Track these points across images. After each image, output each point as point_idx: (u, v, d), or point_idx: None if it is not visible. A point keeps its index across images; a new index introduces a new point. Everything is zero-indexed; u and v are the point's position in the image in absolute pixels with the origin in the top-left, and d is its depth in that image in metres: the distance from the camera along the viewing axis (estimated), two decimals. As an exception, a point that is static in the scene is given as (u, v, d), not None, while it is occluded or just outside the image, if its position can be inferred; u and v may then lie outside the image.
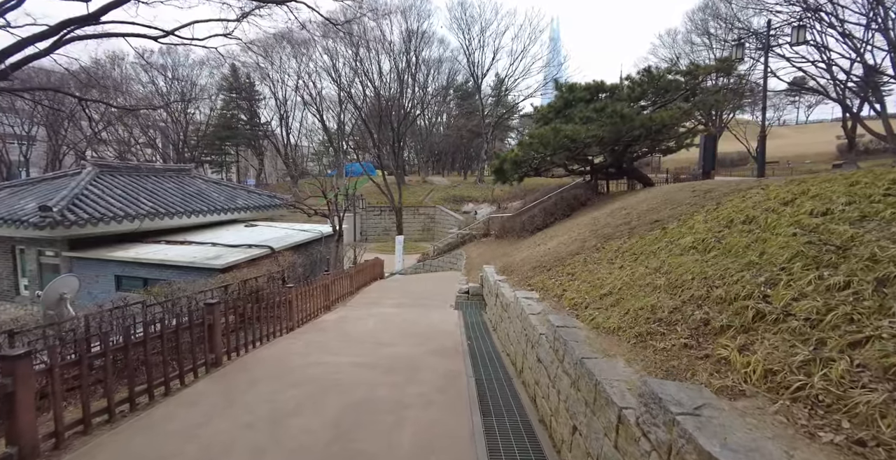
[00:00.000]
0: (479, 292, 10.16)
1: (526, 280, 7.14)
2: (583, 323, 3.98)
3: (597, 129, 12.23)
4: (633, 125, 12.62)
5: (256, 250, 12.61)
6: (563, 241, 8.71)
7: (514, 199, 32.22)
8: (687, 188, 8.62)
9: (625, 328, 3.42)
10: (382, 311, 8.85)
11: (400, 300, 10.69)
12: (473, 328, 7.60)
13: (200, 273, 11.32)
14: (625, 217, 8.33)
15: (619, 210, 9.49)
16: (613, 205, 11.19)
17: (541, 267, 7.40)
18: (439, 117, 56.74)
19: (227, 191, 18.83)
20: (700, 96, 13.66)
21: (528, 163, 15.43)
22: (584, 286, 5.28)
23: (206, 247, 13.12)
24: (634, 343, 3.11)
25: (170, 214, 14.46)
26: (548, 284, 6.21)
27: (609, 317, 3.78)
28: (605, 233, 7.54)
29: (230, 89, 42.03)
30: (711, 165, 12.88)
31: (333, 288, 10.75)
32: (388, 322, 7.75)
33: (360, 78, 34.59)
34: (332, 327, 7.27)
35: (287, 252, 13.22)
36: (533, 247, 10.65)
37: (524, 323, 4.79)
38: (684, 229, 5.29)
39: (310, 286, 8.50)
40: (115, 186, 14.72)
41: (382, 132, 34.73)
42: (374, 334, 6.75)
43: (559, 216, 13.61)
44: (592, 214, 10.99)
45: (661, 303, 3.49)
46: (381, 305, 9.93)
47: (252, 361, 5.25)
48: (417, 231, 34.25)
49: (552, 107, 15.62)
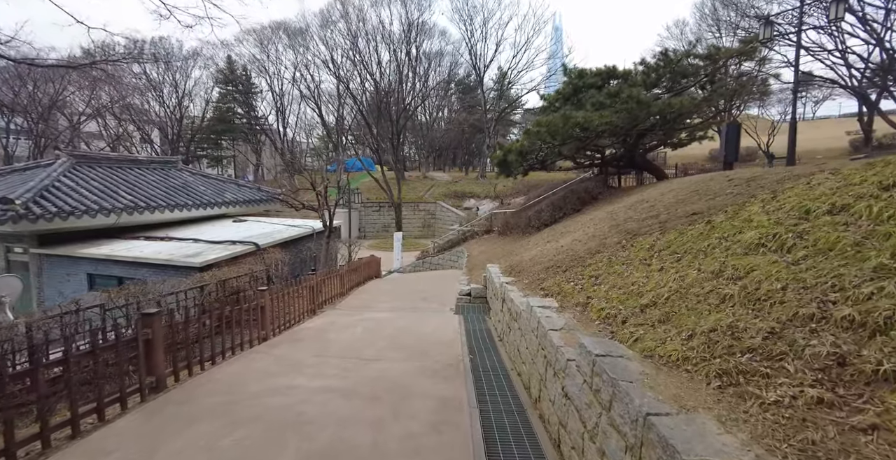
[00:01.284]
0: (482, 294, 9.15)
1: (538, 283, 6.12)
2: (624, 344, 2.96)
3: (611, 116, 11.17)
4: (651, 112, 11.56)
5: (240, 247, 11.63)
6: (579, 238, 7.68)
7: (517, 195, 31.19)
8: (719, 177, 7.57)
9: (695, 359, 2.39)
10: (374, 316, 7.84)
11: (395, 302, 9.69)
12: (476, 337, 6.59)
13: (177, 271, 10.36)
14: (649, 210, 7.30)
15: (639, 203, 8.46)
16: (630, 198, 10.16)
17: (555, 267, 6.37)
18: (440, 112, 55.61)
19: (216, 185, 17.82)
20: (719, 83, 12.56)
21: (535, 154, 14.38)
22: (614, 292, 4.25)
23: (186, 244, 12.14)
24: (720, 387, 2.09)
25: (150, 208, 13.45)
26: (566, 289, 5.19)
27: (665, 341, 2.76)
28: (628, 229, 6.51)
29: (226, 82, 40.92)
30: (734, 156, 11.84)
31: (322, 288, 9.75)
32: (379, 330, 6.74)
33: (358, 69, 33.50)
34: (312, 336, 6.26)
35: (274, 249, 12.22)
36: (542, 244, 9.62)
37: (542, 340, 3.78)
38: (738, 222, 4.25)
39: (290, 288, 7.49)
40: (91, 178, 13.72)
41: (381, 125, 33.66)
42: (359, 346, 5.74)
43: (569, 211, 12.57)
44: (607, 208, 9.95)
45: (743, 324, 2.47)
46: (373, 308, 8.92)
47: (203, 385, 4.24)
48: (417, 227, 33.23)
49: (560, 93, 14.55)
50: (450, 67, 46.56)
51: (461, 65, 45.98)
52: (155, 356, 3.96)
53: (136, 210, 12.98)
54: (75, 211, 11.43)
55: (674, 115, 12.85)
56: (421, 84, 36.28)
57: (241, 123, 42.19)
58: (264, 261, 11.26)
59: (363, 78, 33.77)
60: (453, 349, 5.76)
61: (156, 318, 3.94)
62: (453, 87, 53.91)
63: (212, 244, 11.97)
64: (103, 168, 14.80)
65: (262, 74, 39.38)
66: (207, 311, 4.98)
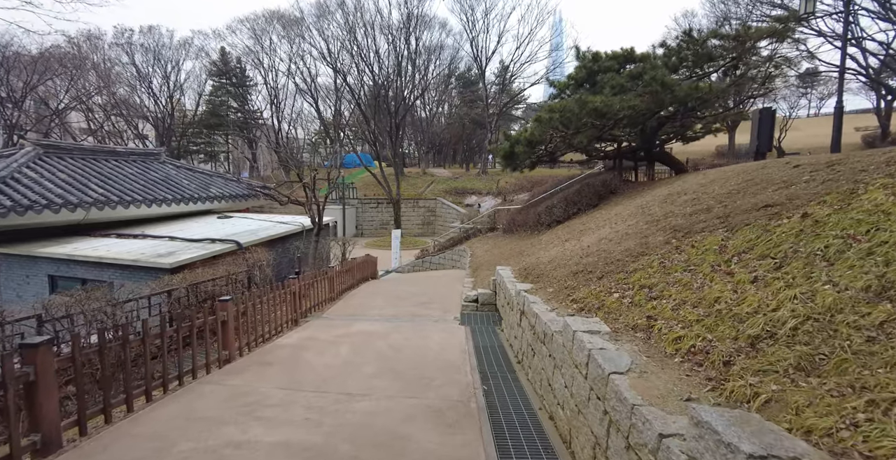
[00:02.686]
0: (490, 301, 7.96)
1: (566, 292, 4.93)
2: (755, 410, 1.79)
3: (634, 100, 9.97)
4: (677, 96, 10.35)
5: (219, 246, 10.44)
6: (608, 237, 6.48)
7: (521, 191, 29.98)
8: (774, 165, 6.37)
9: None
10: (365, 328, 6.65)
11: (391, 309, 8.49)
12: (488, 357, 5.41)
13: (147, 273, 9.18)
14: (692, 204, 6.11)
15: (674, 196, 7.26)
16: (657, 191, 8.96)
17: (585, 272, 5.18)
18: (440, 107, 54.26)
19: (201, 179, 16.59)
20: (752, 64, 11.34)
21: (545, 145, 13.17)
22: (688, 312, 3.06)
23: (161, 242, 10.96)
24: None
25: (124, 203, 12.23)
26: (609, 303, 4.00)
27: (842, 414, 1.58)
28: (674, 226, 5.31)
29: (219, 74, 39.57)
30: (768, 145, 10.65)
31: (308, 292, 8.56)
32: (369, 347, 5.55)
33: (355, 61, 32.18)
34: (286, 357, 5.06)
35: (258, 248, 11.03)
36: (559, 243, 8.42)
37: (599, 386, 2.58)
38: (861, 215, 3.07)
39: (266, 295, 6.29)
40: (59, 170, 12.48)
41: (379, 119, 32.40)
42: (343, 373, 4.55)
43: (583, 207, 11.37)
44: (633, 203, 8.75)
45: None
46: (365, 317, 7.73)
47: (118, 439, 3.04)
48: (417, 225, 32.03)
49: (573, 78, 13.32)
50: (450, 61, 45.26)
51: (462, 58, 44.73)
52: (42, 403, 2.76)
53: (108, 204, 11.77)
54: (34, 205, 10.22)
55: (699, 101, 11.64)
56: (420, 76, 34.95)
57: (235, 117, 40.89)
58: (246, 262, 10.09)
59: (361, 70, 32.49)
60: (461, 376, 4.57)
61: (42, 351, 2.75)
62: (454, 81, 52.55)
63: (189, 242, 10.81)
64: (75, 159, 13.56)
65: (257, 67, 38.06)
66: (139, 333, 3.77)
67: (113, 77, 27.81)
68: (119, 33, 29.29)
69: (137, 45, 30.11)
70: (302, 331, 6.62)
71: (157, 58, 31.76)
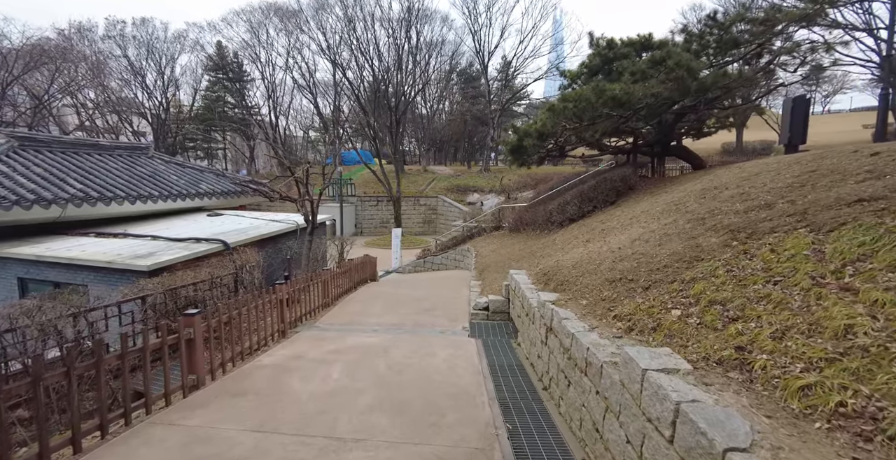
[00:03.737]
0: (503, 309, 7.10)
1: (604, 305, 4.07)
2: None
3: (656, 86, 9.09)
4: (703, 83, 9.47)
5: (204, 246, 9.61)
6: (642, 237, 5.61)
7: (525, 189, 29.10)
8: (835, 155, 5.50)
9: None
10: (362, 342, 5.79)
11: (391, 316, 7.63)
12: (506, 380, 4.56)
13: (123, 276, 8.34)
14: (742, 199, 5.24)
15: (713, 191, 6.39)
16: (687, 186, 8.09)
17: (624, 280, 4.31)
18: (441, 104, 53.28)
19: (192, 175, 15.72)
20: (784, 48, 10.44)
21: (555, 137, 12.30)
22: (806, 345, 2.20)
23: (143, 242, 10.13)
24: None
25: (105, 200, 11.37)
26: (668, 323, 3.13)
27: None
28: (729, 225, 4.44)
29: (216, 69, 38.61)
30: (802, 136, 9.76)
31: (301, 297, 7.71)
32: (365, 368, 4.68)
33: (355, 55, 31.24)
34: (265, 384, 4.20)
35: (248, 248, 10.19)
36: (579, 244, 7.55)
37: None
38: None
39: (245, 306, 5.42)
40: (35, 164, 11.63)
41: (379, 114, 31.50)
42: (333, 405, 3.69)
43: (600, 204, 10.50)
44: (661, 199, 7.88)
45: None
46: (361, 327, 6.86)
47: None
48: (418, 223, 31.15)
49: (587, 66, 12.42)
50: (451, 56, 44.29)
51: (463, 54, 43.78)
52: None
53: (87, 201, 10.91)
54: (2, 202, 9.37)
55: (723, 90, 10.76)
56: (421, 71, 33.98)
57: (232, 113, 39.95)
58: (234, 264, 9.24)
59: (360, 65, 31.55)
60: (478, 409, 3.72)
61: None
62: (455, 77, 51.55)
63: (172, 242, 9.97)
64: (54, 153, 12.70)
65: (254, 61, 37.10)
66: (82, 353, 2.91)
67: (104, 69, 26.87)
68: (111, 25, 28.42)
69: (130, 37, 29.17)
70: (289, 344, 5.76)
71: (151, 51, 30.82)
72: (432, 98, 50.23)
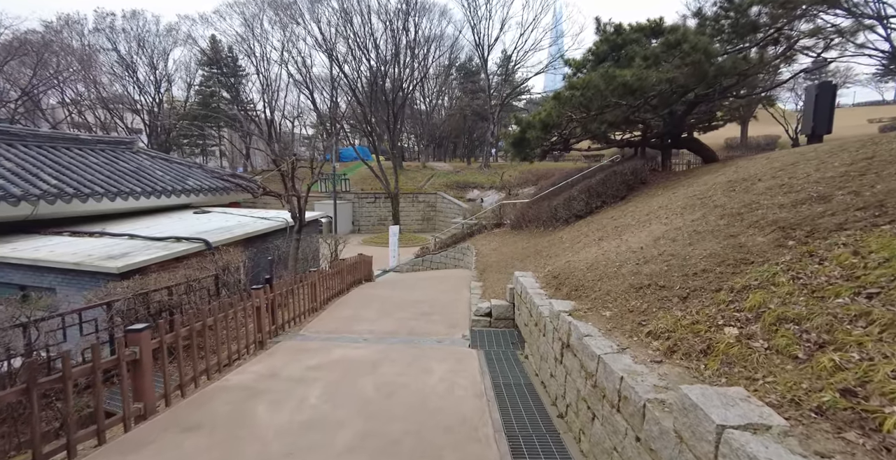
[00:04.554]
0: (507, 314, 6.42)
1: (632, 318, 3.38)
2: None
3: (671, 72, 8.39)
4: (722, 68, 8.76)
5: (184, 245, 8.93)
6: (665, 236, 4.92)
7: (526, 185, 28.39)
8: (888, 139, 4.82)
9: None
10: (347, 355, 5.10)
11: (384, 322, 6.95)
12: (513, 403, 3.88)
13: (93, 278, 7.66)
14: (785, 191, 4.54)
15: (744, 183, 5.70)
16: (707, 178, 7.39)
17: (654, 287, 3.63)
18: (440, 99, 52.40)
19: (178, 171, 15.02)
20: (810, 32, 9.72)
21: (561, 129, 11.59)
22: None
23: (119, 241, 9.45)
24: None
25: (81, 196, 10.67)
26: (723, 346, 2.45)
27: None
28: (776, 221, 3.76)
29: (210, 63, 37.77)
30: (827, 126, 9.05)
31: (286, 302, 7.04)
32: (349, 391, 4.00)
33: (351, 47, 30.41)
34: (224, 414, 3.51)
35: (233, 247, 9.51)
36: (591, 243, 6.86)
37: None
38: None
39: (213, 315, 4.73)
40: (7, 158, 10.93)
41: (376, 109, 30.71)
42: (300, 447, 3.00)
43: (609, 199, 9.80)
44: (679, 193, 7.18)
45: None
46: (350, 336, 6.18)
47: None
48: (416, 221, 30.45)
49: (594, 53, 11.68)
50: (450, 49, 43.41)
51: (462, 48, 42.92)
52: None
53: (62, 198, 10.22)
54: (-37, 198, 8.69)
55: (740, 77, 10.05)
56: (419, 63, 33.13)
57: (228, 108, 39.11)
58: (217, 264, 8.55)
59: (356, 57, 30.70)
60: (481, 447, 3.04)
61: None
62: (454, 72, 50.64)
63: (150, 241, 9.28)
64: (28, 147, 11.99)
65: (249, 56, 36.23)
66: None
67: (93, 63, 26.03)
68: (100, 18, 27.57)
69: (120, 30, 28.34)
70: (267, 358, 5.08)
71: (142, 45, 29.97)
72: (431, 93, 49.40)
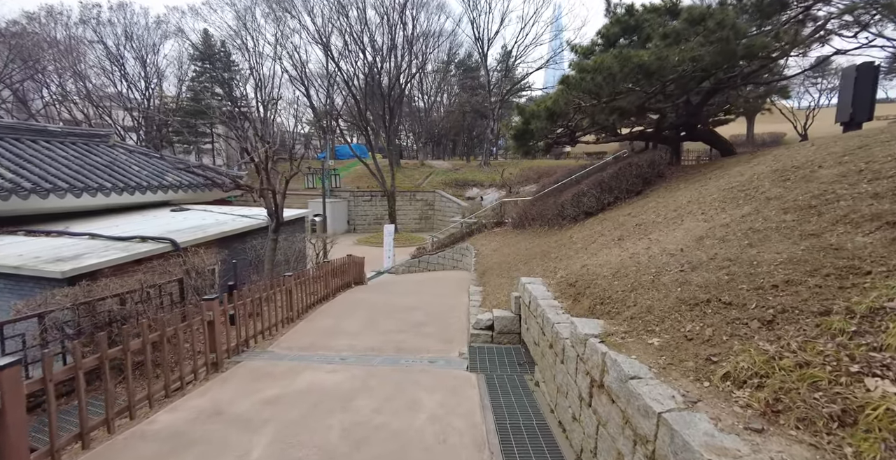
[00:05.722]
0: (512, 328, 5.45)
1: (692, 350, 2.42)
2: None
3: (697, 50, 7.42)
4: (753, 47, 7.79)
5: (149, 246, 7.95)
6: (711, 234, 3.95)
7: (527, 183, 27.44)
8: None
9: None
10: (315, 383, 4.13)
11: (367, 337, 5.97)
12: (524, 454, 2.93)
13: (38, 284, 6.70)
14: (863, 176, 3.58)
15: (801, 170, 4.73)
16: (741, 169, 6.42)
17: (714, 303, 2.67)
18: (439, 96, 51.33)
19: (158, 166, 14.02)
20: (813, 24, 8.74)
21: (567, 120, 10.62)
22: None
23: (77, 241, 8.48)
24: None
25: (41, 192, 9.70)
26: (880, 414, 1.50)
27: None
28: (880, 214, 2.80)
29: (202, 58, 36.74)
30: (868, 111, 8.12)
31: (260, 310, 6.08)
32: (308, 437, 3.04)
33: (345, 38, 29.37)
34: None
35: (206, 247, 8.55)
36: (611, 244, 5.89)
37: None
38: None
39: (133, 340, 3.76)
40: (-40, 151, 9.97)
41: (372, 103, 29.69)
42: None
43: (624, 193, 8.83)
44: (710, 186, 6.20)
45: None
46: (325, 354, 5.21)
47: None
48: (414, 220, 29.46)
49: (603, 35, 10.70)
50: (449, 42, 42.39)
51: (461, 44, 41.91)
52: None
53: (17, 193, 9.25)
54: None
55: (766, 58, 9.09)
56: (414, 55, 32.05)
57: (221, 105, 38.08)
58: (184, 267, 7.58)
59: (349, 47, 29.62)
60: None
61: None
62: (453, 68, 49.56)
63: (113, 241, 8.31)
64: (-10, 139, 11.01)
65: (241, 50, 35.22)
66: None
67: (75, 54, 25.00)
68: (86, 9, 26.55)
69: (106, 22, 27.33)
70: (217, 386, 4.10)
71: (130, 38, 28.94)
72: (430, 89, 48.36)
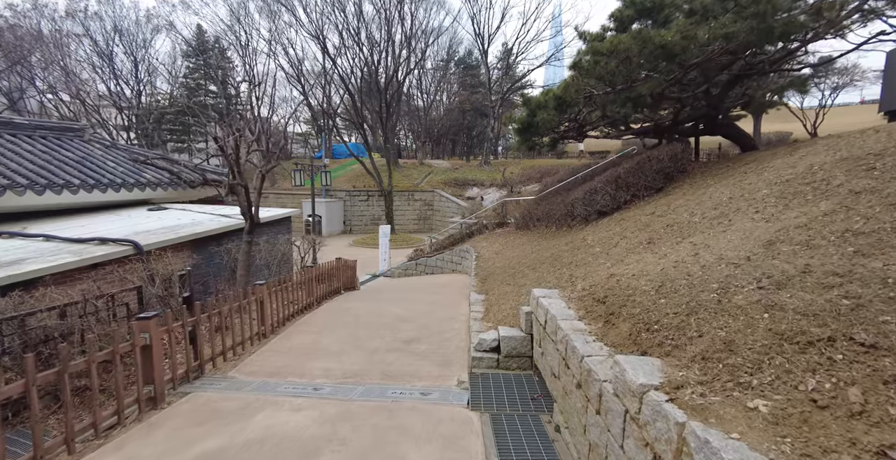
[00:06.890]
0: (521, 351, 4.52)
1: (835, 426, 1.52)
2: None
3: (730, 26, 6.51)
4: (793, 23, 6.87)
5: (105, 249, 7.00)
6: (788, 238, 3.03)
7: (529, 182, 26.51)
8: None
9: None
10: (271, 429, 3.21)
11: (350, 358, 5.04)
12: None
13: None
14: None
15: (876, 157, 3.82)
16: (792, 160, 5.50)
17: (846, 342, 1.76)
18: (439, 95, 50.43)
19: (138, 162, 13.04)
20: None
21: (576, 112, 9.71)
22: None
23: (28, 243, 7.54)
24: None
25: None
26: None
27: None
28: None
29: (195, 54, 35.83)
30: (918, 101, 7.24)
31: (226, 325, 5.14)
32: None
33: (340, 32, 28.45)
34: None
35: (175, 251, 7.60)
36: (638, 248, 4.95)
37: None
38: None
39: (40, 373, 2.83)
40: None
41: (368, 97, 28.76)
42: None
43: (642, 191, 7.90)
44: (757, 179, 5.27)
45: None
46: (294, 382, 4.27)
47: None
48: (412, 220, 28.52)
49: (616, 18, 9.77)
50: (449, 46, 41.51)
51: (461, 41, 41.01)
52: None
53: (-31, 191, 8.32)
54: None
55: (802, 42, 8.18)
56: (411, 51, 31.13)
57: (215, 102, 37.17)
58: (144, 273, 6.64)
59: (346, 43, 28.71)
60: None
61: None
62: (453, 67, 48.67)
63: (68, 243, 7.36)
64: (-60, 130, 10.07)
65: (235, 45, 34.31)
66: None
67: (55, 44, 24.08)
68: (73, 1, 25.67)
69: (93, 15, 26.42)
70: (144, 433, 3.17)
71: (119, 32, 28.02)
72: (429, 88, 47.46)
